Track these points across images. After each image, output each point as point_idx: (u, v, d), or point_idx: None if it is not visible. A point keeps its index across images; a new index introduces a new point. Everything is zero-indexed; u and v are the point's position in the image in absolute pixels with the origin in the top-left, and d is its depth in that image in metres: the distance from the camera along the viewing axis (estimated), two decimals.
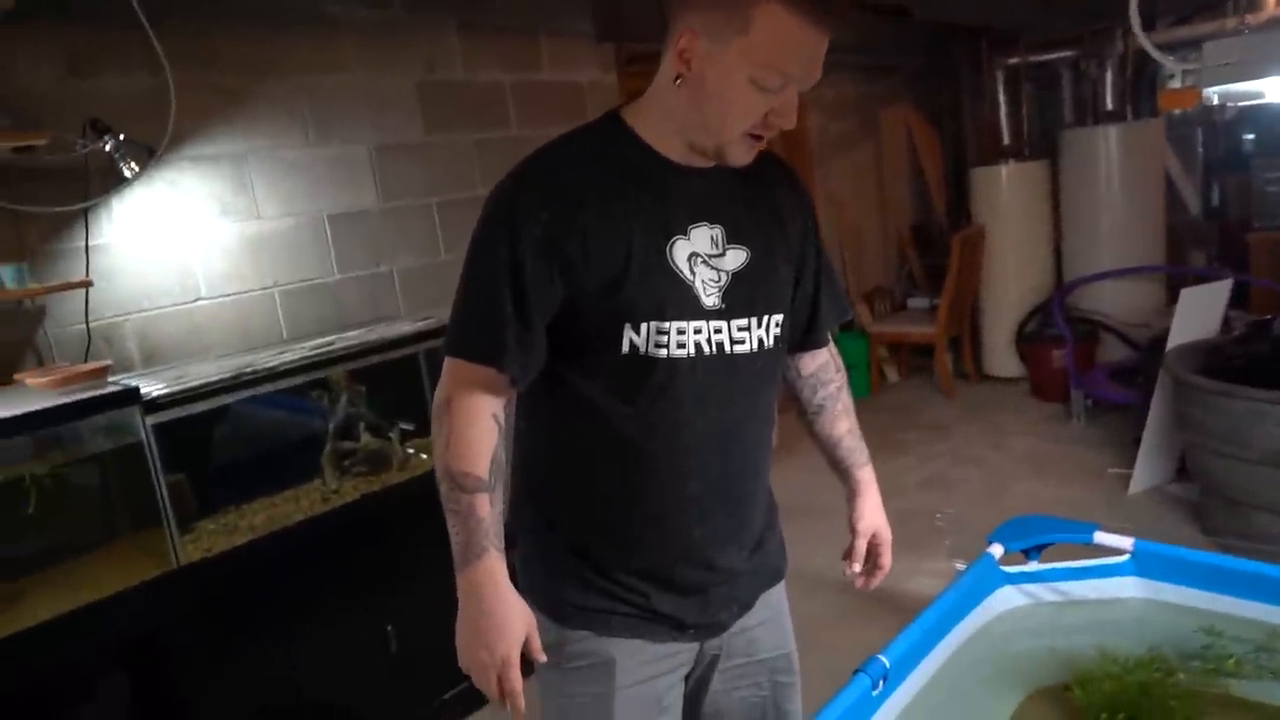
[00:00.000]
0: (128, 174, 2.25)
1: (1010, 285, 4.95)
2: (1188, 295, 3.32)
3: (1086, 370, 4.40)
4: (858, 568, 1.42)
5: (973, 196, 5.12)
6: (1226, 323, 3.55)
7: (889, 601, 2.67)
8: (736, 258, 1.13)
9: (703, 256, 1.10)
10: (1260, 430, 2.60)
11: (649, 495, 1.14)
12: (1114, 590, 1.74)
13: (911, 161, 5.86)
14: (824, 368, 1.39)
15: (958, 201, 5.60)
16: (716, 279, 1.11)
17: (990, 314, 5.08)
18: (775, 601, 1.35)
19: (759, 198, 1.18)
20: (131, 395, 1.88)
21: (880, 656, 1.43)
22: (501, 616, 1.07)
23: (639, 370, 1.09)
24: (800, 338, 1.31)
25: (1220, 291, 3.44)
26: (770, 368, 1.21)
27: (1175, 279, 4.59)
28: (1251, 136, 5.52)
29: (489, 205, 1.09)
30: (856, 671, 1.40)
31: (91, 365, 2.00)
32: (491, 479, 1.09)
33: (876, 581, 1.44)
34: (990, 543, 1.79)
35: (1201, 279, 3.76)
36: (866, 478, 1.42)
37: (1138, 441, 3.41)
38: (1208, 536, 2.94)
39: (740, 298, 1.13)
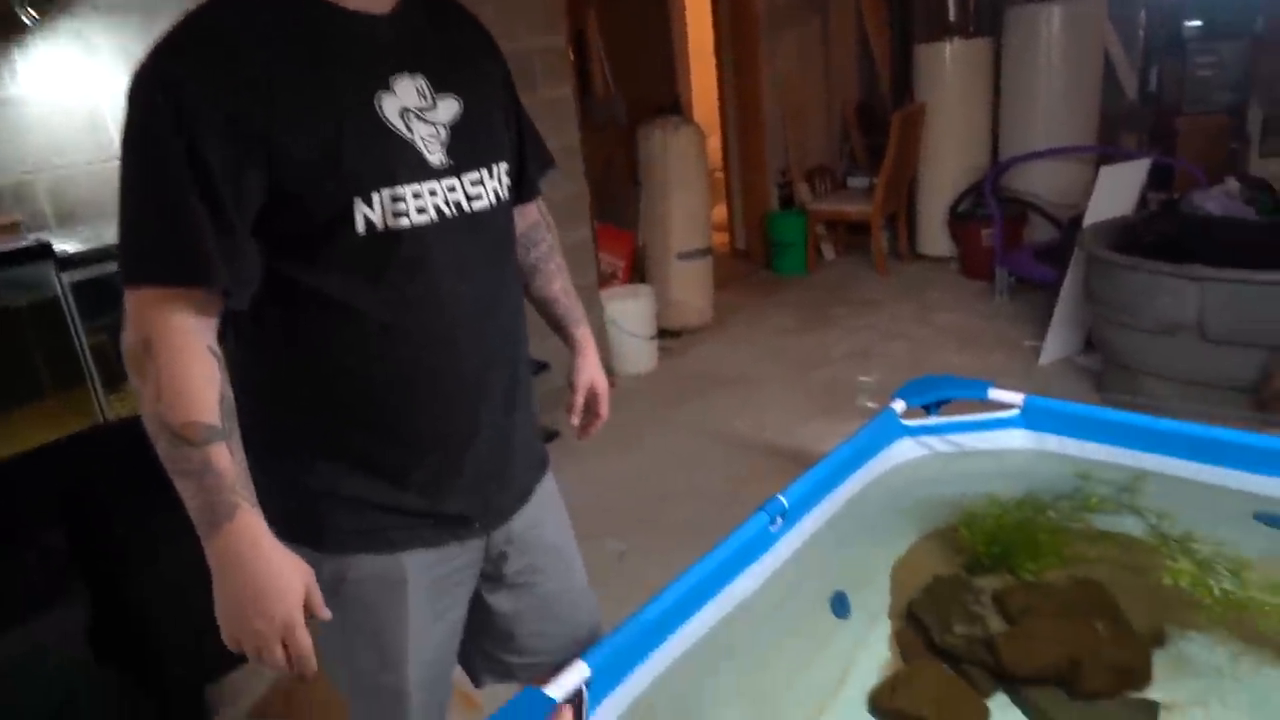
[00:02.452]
0: (27, 21, 2.14)
1: (947, 165, 5.00)
2: (1106, 174, 3.41)
3: (1013, 249, 4.52)
4: (576, 420, 1.42)
5: (916, 74, 5.09)
6: (1144, 202, 3.67)
7: (807, 461, 2.82)
8: (449, 108, 1.05)
9: (414, 111, 1.01)
10: (1156, 302, 2.75)
11: (420, 385, 1.05)
12: (1003, 442, 1.87)
13: (859, 39, 5.77)
14: (535, 227, 1.35)
15: (902, 80, 5.57)
16: (435, 134, 1.03)
17: (926, 193, 5.15)
18: (550, 489, 1.33)
19: (452, 41, 1.10)
20: (45, 250, 1.86)
21: (779, 496, 1.55)
22: (274, 578, 0.94)
23: (383, 248, 0.98)
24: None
25: (1138, 171, 3.54)
26: (509, 220, 1.17)
27: (1105, 161, 4.68)
28: (1198, 23, 5.53)
29: (140, 91, 0.90)
30: (757, 510, 1.52)
31: (0, 219, 1.96)
32: (224, 423, 0.93)
33: (595, 430, 1.45)
34: (894, 398, 1.90)
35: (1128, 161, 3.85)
36: (583, 335, 1.41)
37: None
38: (1101, 394, 3.13)
39: (465, 151, 1.05)
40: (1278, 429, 2.33)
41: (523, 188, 1.25)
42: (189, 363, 0.92)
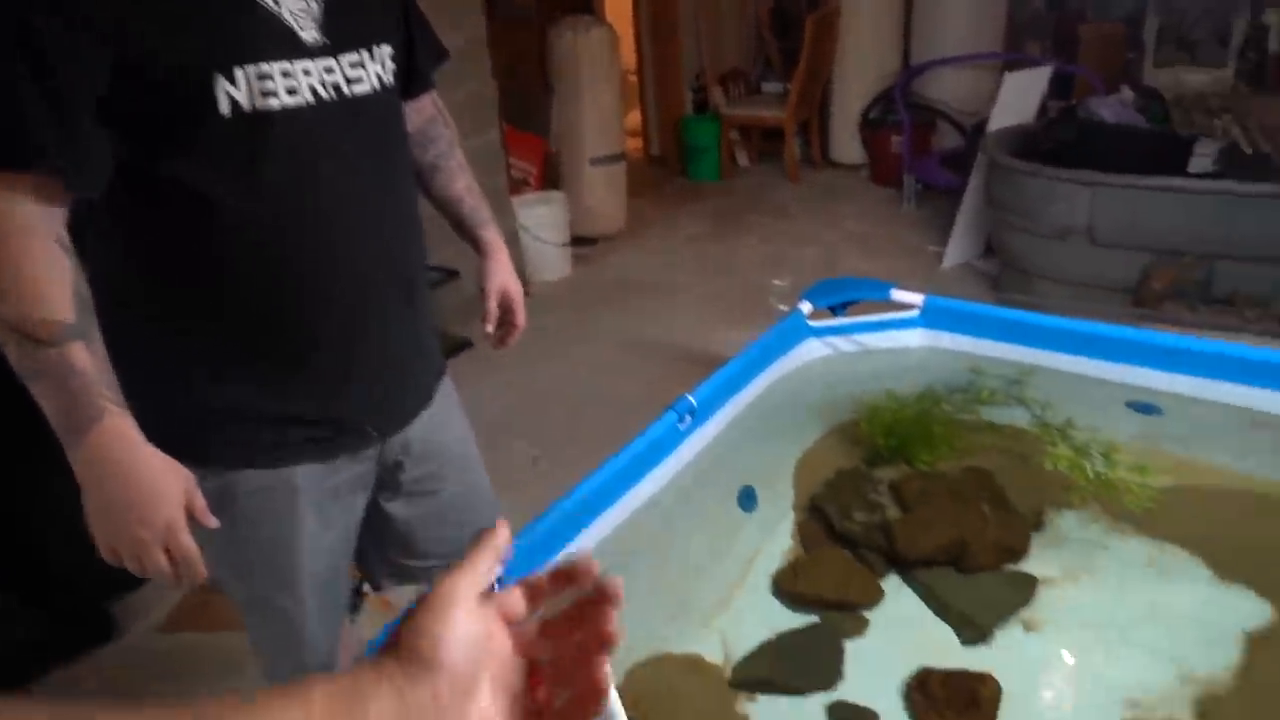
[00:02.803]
0: None
1: (860, 71, 5.00)
2: (1010, 80, 3.48)
3: (921, 156, 4.60)
4: (491, 328, 1.34)
5: None
6: (1044, 109, 3.76)
7: (721, 364, 2.89)
8: None
9: None
10: (1051, 207, 2.85)
11: (297, 284, 0.99)
12: (904, 340, 1.95)
13: None
14: (431, 122, 1.26)
15: None
16: (307, 8, 0.95)
17: (839, 100, 5.15)
18: (449, 396, 1.29)
19: None
20: None
21: (688, 396, 1.58)
22: (152, 480, 0.89)
23: (252, 132, 0.91)
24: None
25: (1040, 78, 3.61)
26: (396, 111, 1.10)
27: (1011, 68, 4.76)
28: None
29: None
30: (666, 409, 1.55)
31: None
32: (80, 319, 0.87)
33: (514, 339, 1.38)
34: (801, 300, 1.95)
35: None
36: (492, 237, 1.34)
37: None
38: (997, 295, 3.27)
39: (341, 29, 0.97)
40: (1154, 324, 2.48)
41: (413, 79, 1.17)
42: (34, 255, 0.85)
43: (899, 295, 1.94)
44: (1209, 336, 1.99)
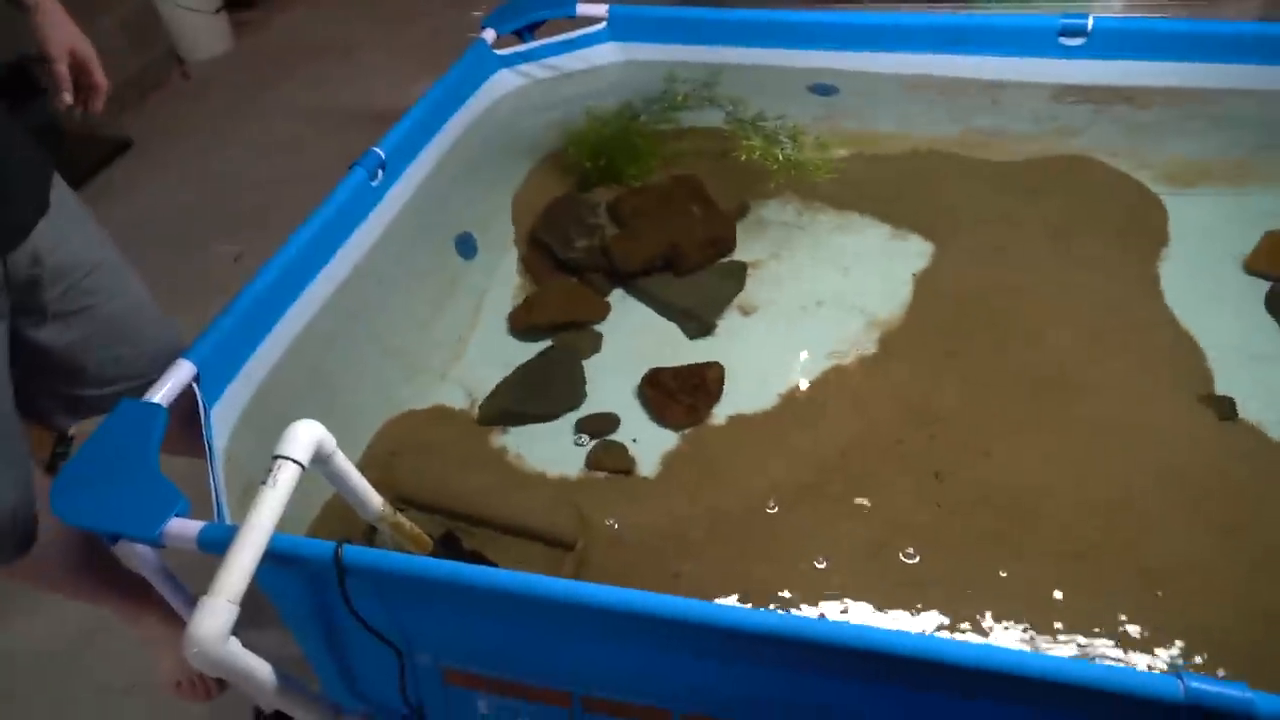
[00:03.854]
0: None
1: None
2: None
3: None
4: (69, 97, 1.17)
5: None
6: None
7: None
8: None
9: None
10: None
11: None
12: (597, 58, 1.87)
13: None
14: None
15: None
16: None
17: None
18: (71, 205, 1.15)
19: None
20: None
21: (375, 149, 1.45)
22: None
23: None
24: None
25: None
26: None
27: None
28: None
29: None
30: (352, 165, 1.41)
31: None
32: None
33: (100, 104, 1.22)
34: (483, 28, 1.80)
35: None
36: None
37: None
38: None
39: None
40: (840, 6, 2.57)
41: None
42: None
43: (584, 9, 1.84)
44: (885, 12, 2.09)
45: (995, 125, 1.77)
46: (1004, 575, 1.12)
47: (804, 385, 1.40)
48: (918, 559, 1.15)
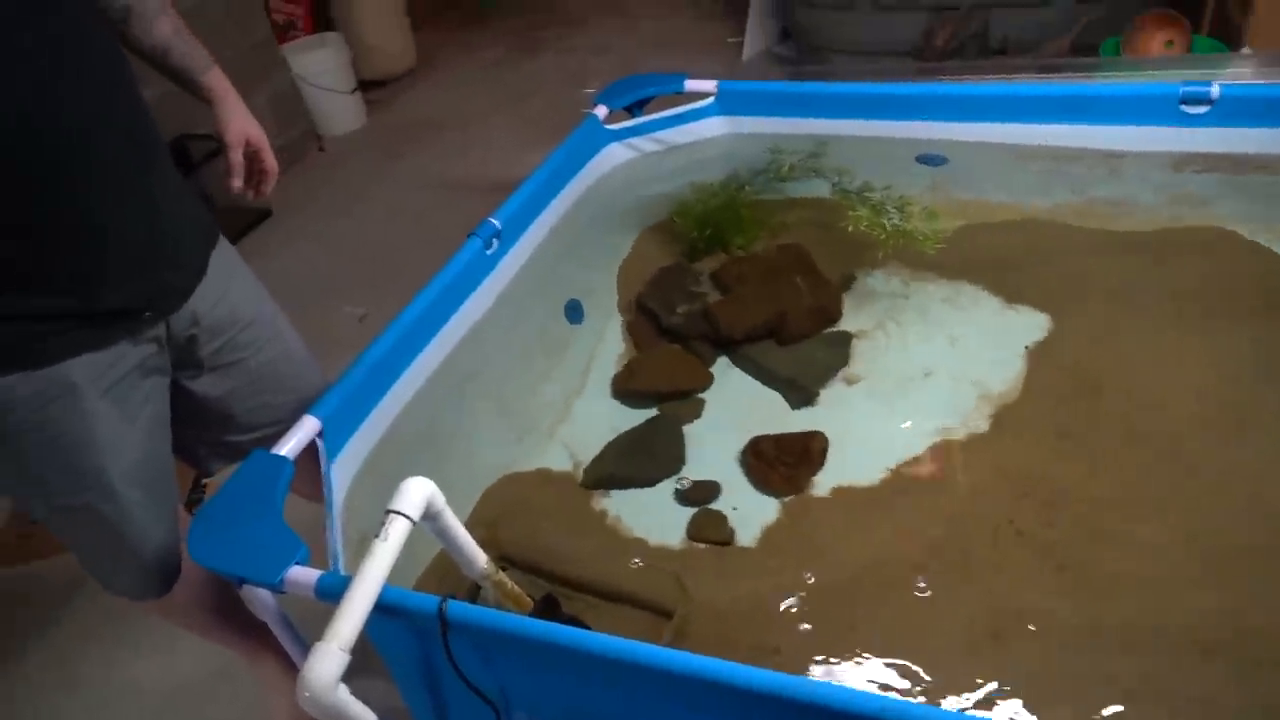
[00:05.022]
0: None
1: None
2: None
3: None
4: (238, 182, 1.26)
5: None
6: None
7: None
8: None
9: None
10: None
11: (10, 171, 0.90)
12: (704, 131, 1.93)
13: None
14: None
15: None
16: None
17: None
18: (232, 264, 1.23)
19: None
20: None
21: (490, 219, 1.52)
22: None
23: None
24: None
25: None
26: None
27: None
28: None
29: None
30: (469, 235, 1.49)
31: None
32: None
33: (269, 188, 1.31)
34: (595, 104, 1.88)
35: None
36: (217, 82, 1.23)
37: None
38: (796, 73, 3.30)
39: None
40: (945, 78, 2.57)
41: None
42: None
43: (693, 85, 1.90)
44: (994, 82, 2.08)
45: (1115, 195, 1.72)
46: (1121, 670, 1.05)
47: (910, 458, 1.37)
48: (1028, 647, 1.10)
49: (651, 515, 1.38)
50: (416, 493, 0.94)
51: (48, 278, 0.96)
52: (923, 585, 1.19)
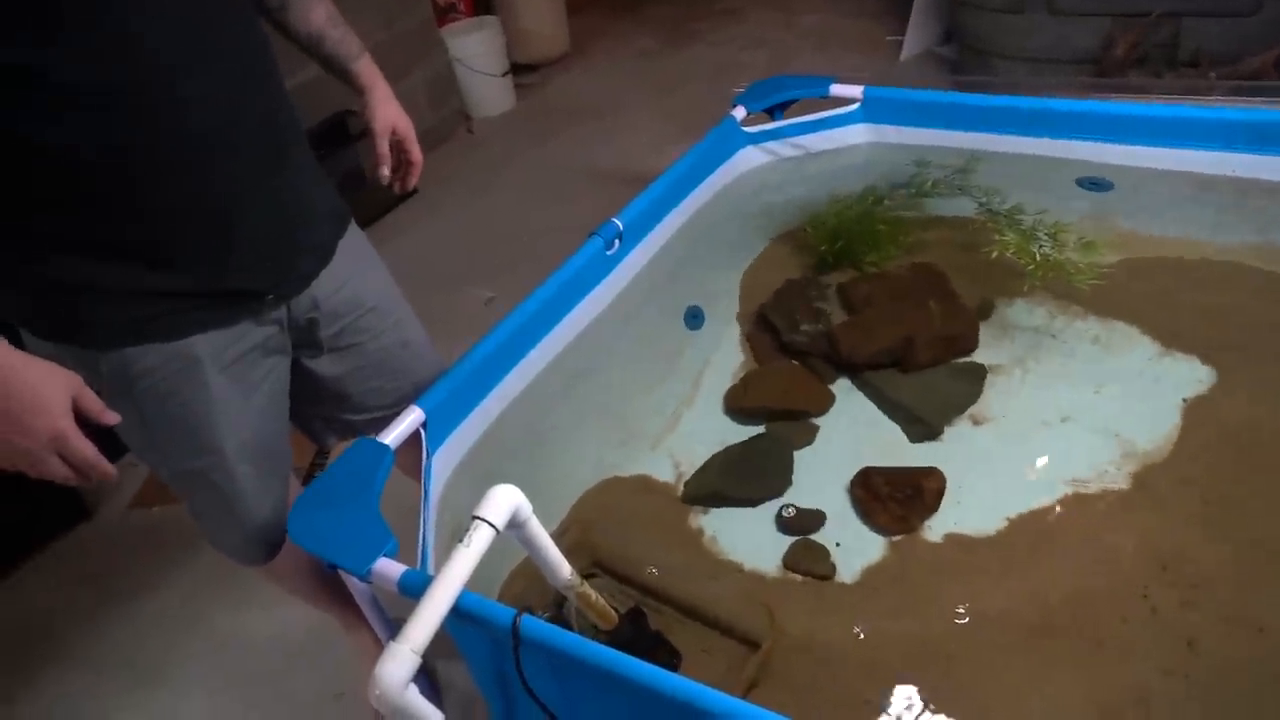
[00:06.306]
0: None
1: None
2: None
3: None
4: (387, 170, 1.29)
5: None
6: None
7: None
8: None
9: None
10: None
11: (139, 153, 0.92)
12: (846, 138, 1.84)
13: None
14: None
15: None
16: None
17: None
18: (359, 248, 1.25)
19: None
20: None
21: (614, 219, 1.50)
22: (26, 392, 0.86)
23: None
24: None
25: None
26: None
27: None
28: None
29: None
30: (590, 235, 1.47)
31: None
32: None
33: (414, 179, 1.33)
34: (734, 105, 1.83)
35: None
36: (367, 70, 1.25)
37: None
38: (953, 77, 3.12)
39: None
40: (1121, 96, 2.37)
41: None
42: None
43: (838, 90, 1.82)
44: (1175, 102, 1.90)
45: None
46: None
47: (1036, 511, 1.26)
48: None
49: (749, 538, 1.33)
50: (504, 501, 0.93)
51: (178, 258, 1.00)
52: (1038, 654, 1.09)
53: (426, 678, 0.96)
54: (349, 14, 1.26)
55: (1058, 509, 1.26)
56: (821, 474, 1.40)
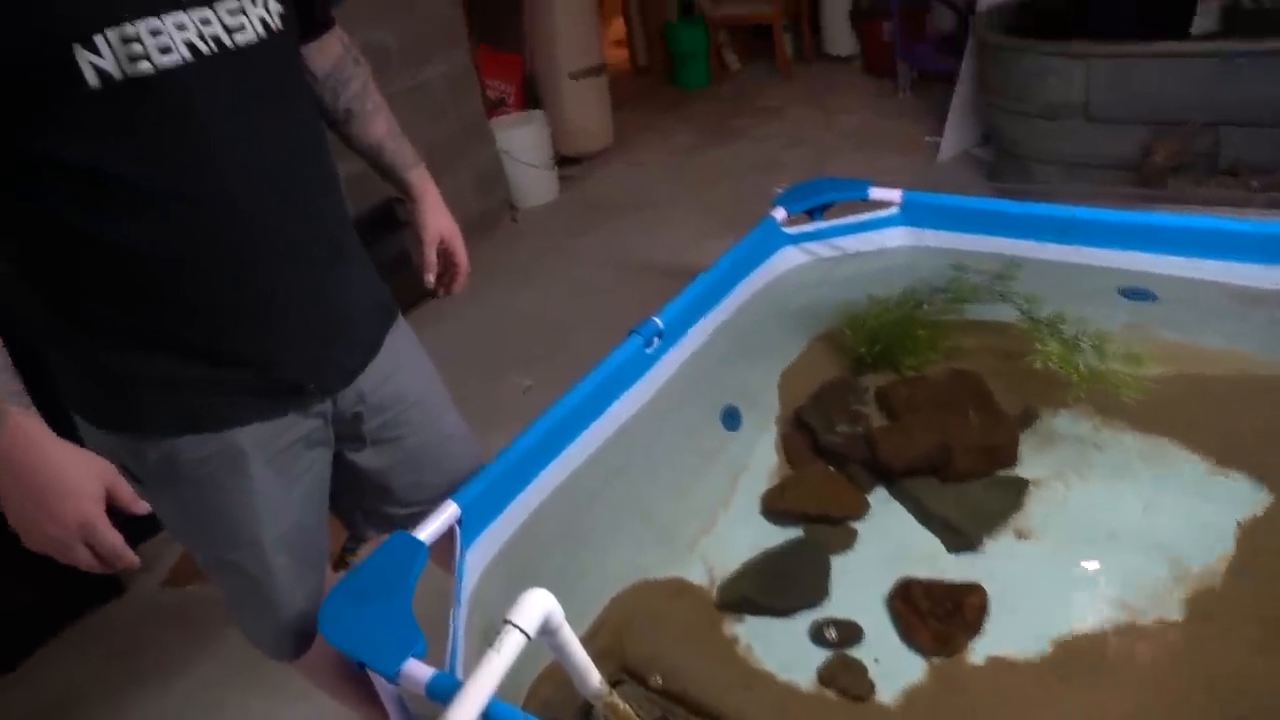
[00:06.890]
0: None
1: None
2: None
3: (914, 41, 4.39)
4: (432, 276, 1.33)
5: None
6: None
7: None
8: None
9: None
10: (1041, 84, 2.70)
11: (203, 252, 0.95)
12: (884, 241, 1.86)
13: None
14: (340, 65, 1.19)
15: None
16: None
17: None
18: (404, 342, 1.27)
19: None
20: None
21: (654, 318, 1.52)
22: (59, 479, 0.86)
23: (127, 100, 0.84)
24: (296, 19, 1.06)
25: None
26: (290, 57, 1.03)
27: None
28: None
29: None
30: (630, 333, 1.49)
31: None
32: None
33: (460, 285, 1.37)
34: (774, 206, 1.86)
35: None
36: (420, 179, 1.30)
37: None
38: (991, 182, 3.14)
39: None
40: (1158, 204, 2.37)
41: (309, 19, 1.10)
42: None
43: (877, 193, 1.85)
44: (1215, 212, 1.89)
45: None
46: None
47: (1084, 636, 1.21)
48: None
49: (784, 649, 1.29)
50: (536, 606, 0.92)
51: (228, 352, 1.02)
52: None
53: None
54: (408, 104, 1.31)
55: (1108, 633, 1.21)
56: (859, 582, 1.37)
